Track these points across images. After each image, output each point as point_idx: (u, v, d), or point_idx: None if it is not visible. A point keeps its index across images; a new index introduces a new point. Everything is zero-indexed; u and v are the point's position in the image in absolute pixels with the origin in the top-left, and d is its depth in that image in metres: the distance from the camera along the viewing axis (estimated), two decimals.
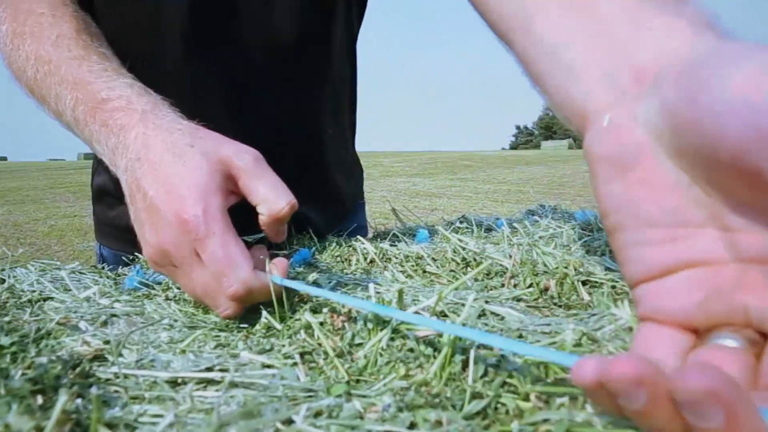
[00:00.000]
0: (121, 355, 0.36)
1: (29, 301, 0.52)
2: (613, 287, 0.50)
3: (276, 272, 0.44)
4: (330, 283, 0.52)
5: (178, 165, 0.44)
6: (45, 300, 0.53)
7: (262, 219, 0.46)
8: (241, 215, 0.48)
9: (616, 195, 0.28)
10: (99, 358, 0.36)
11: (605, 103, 0.29)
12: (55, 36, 0.58)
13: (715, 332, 0.25)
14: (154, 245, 0.44)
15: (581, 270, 0.53)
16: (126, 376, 0.32)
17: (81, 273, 0.67)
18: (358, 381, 0.33)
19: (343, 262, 0.70)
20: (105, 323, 0.44)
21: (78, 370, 0.32)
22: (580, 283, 0.51)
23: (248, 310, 0.46)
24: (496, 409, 0.28)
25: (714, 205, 0.25)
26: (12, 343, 0.32)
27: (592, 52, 0.30)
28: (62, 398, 0.24)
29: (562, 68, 0.31)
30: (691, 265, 0.26)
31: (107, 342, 0.37)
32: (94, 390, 0.27)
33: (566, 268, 0.53)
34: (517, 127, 63.42)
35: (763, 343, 0.24)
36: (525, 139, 60.27)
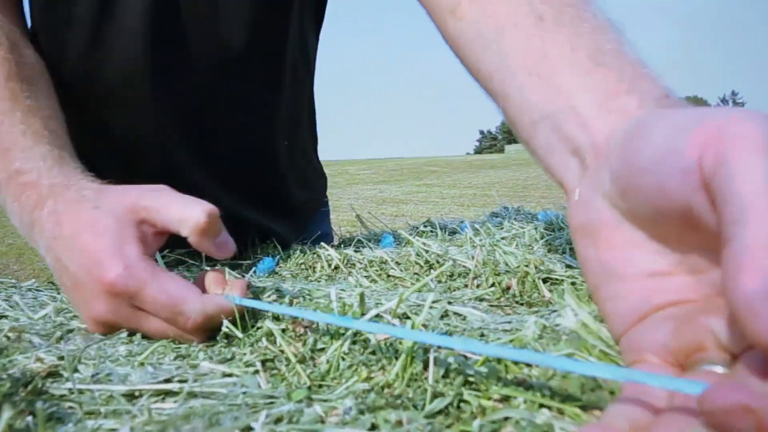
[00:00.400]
0: (76, 370, 0.35)
1: None
2: (573, 283, 0.50)
3: (234, 293, 0.43)
4: (294, 290, 0.52)
5: (88, 233, 0.43)
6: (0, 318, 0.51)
7: (192, 240, 0.45)
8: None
9: (592, 259, 0.31)
10: (53, 374, 0.35)
11: (575, 176, 0.33)
12: None
13: (698, 361, 0.25)
14: (94, 319, 0.43)
15: (542, 268, 0.53)
16: (81, 392, 0.32)
17: (38, 290, 0.65)
18: (320, 386, 0.33)
19: (307, 269, 0.70)
20: (60, 339, 0.43)
21: (30, 387, 0.31)
22: (540, 280, 0.51)
23: None
24: (458, 407, 0.28)
25: (675, 253, 0.28)
26: None
27: (562, 128, 0.34)
28: (5, 414, 0.23)
29: (542, 142, 0.35)
30: (662, 307, 0.28)
31: (61, 358, 0.36)
32: (39, 405, 0.26)
33: (527, 266, 0.53)
34: (481, 132, 64.16)
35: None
36: (489, 144, 60.96)
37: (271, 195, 0.89)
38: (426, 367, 0.31)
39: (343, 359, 0.35)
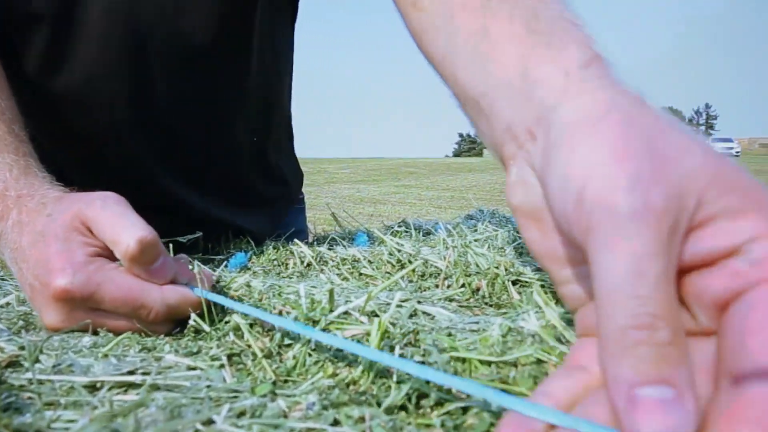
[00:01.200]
0: (37, 360, 0.35)
1: None
2: (542, 286, 0.51)
3: (200, 285, 0.43)
4: (264, 285, 0.52)
5: (40, 243, 0.43)
6: None
7: (123, 264, 0.43)
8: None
9: (537, 241, 0.31)
10: (14, 364, 0.34)
11: (511, 154, 0.32)
12: None
13: None
14: (53, 327, 0.42)
15: (512, 270, 0.54)
16: (41, 382, 0.31)
17: (3, 279, 0.64)
18: (285, 381, 0.33)
19: (280, 265, 0.70)
20: (22, 329, 0.42)
21: None
22: (510, 282, 0.52)
23: None
24: (417, 404, 0.28)
25: None
26: None
27: (495, 106, 0.33)
28: None
29: (483, 117, 0.35)
30: None
31: (22, 348, 0.36)
32: (18, 394, 0.26)
33: (497, 268, 0.54)
34: (460, 135, 64.45)
35: None
36: (468, 147, 61.26)
37: (239, 190, 0.89)
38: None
39: (310, 355, 0.35)
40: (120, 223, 0.43)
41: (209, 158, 0.82)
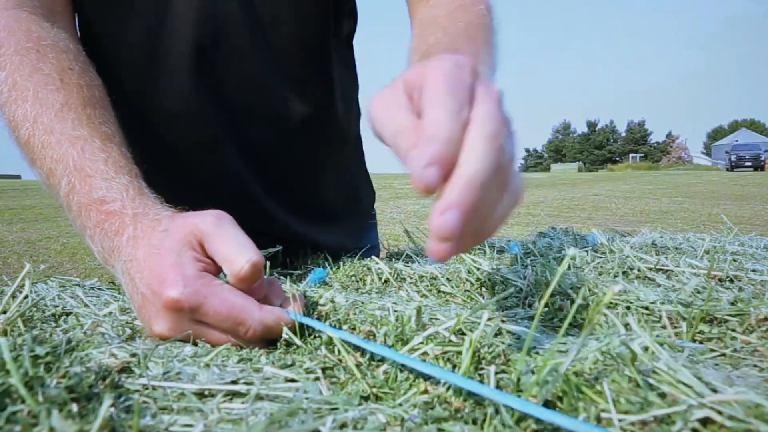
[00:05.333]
0: (147, 367, 0.37)
1: (53, 315, 0.54)
2: (628, 308, 0.50)
3: (294, 308, 0.46)
4: (347, 301, 0.53)
5: (155, 256, 0.46)
6: (67, 315, 0.54)
7: (230, 280, 0.46)
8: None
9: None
10: (126, 370, 0.37)
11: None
12: (60, 105, 0.58)
13: None
14: (157, 334, 0.45)
15: (595, 291, 0.53)
16: (154, 388, 0.33)
17: (99, 289, 0.68)
18: (378, 397, 0.34)
19: (357, 281, 0.71)
20: (130, 337, 0.45)
21: (108, 381, 0.33)
22: (594, 303, 0.51)
23: None
24: (517, 423, 0.29)
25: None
26: (46, 354, 0.33)
27: (430, 53, 0.51)
28: (106, 403, 0.25)
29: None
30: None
31: (133, 355, 0.38)
32: (135, 397, 0.28)
33: (580, 288, 0.53)
34: (527, 150, 63.57)
35: None
36: (535, 162, 60.31)
37: (321, 208, 0.92)
38: (482, 382, 0.32)
39: (401, 371, 0.35)
40: (233, 242, 0.46)
41: (298, 175, 0.86)
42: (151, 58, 0.73)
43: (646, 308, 0.49)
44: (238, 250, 0.45)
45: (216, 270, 0.47)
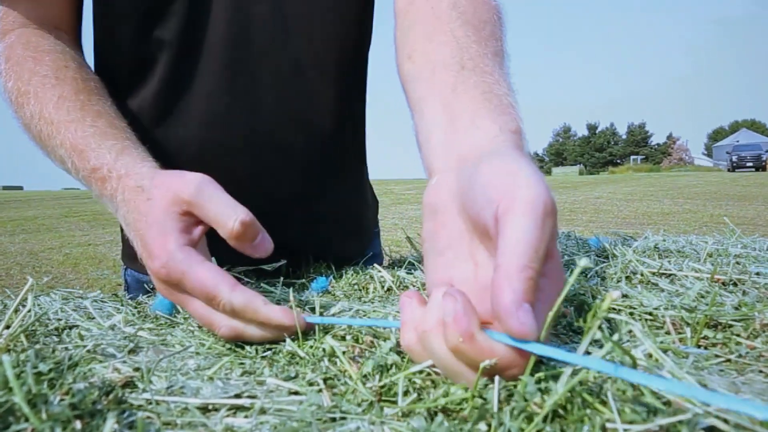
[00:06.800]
0: (151, 382, 0.37)
1: (56, 329, 0.54)
2: (631, 314, 0.50)
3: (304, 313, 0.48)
4: (350, 311, 0.53)
5: (142, 223, 0.51)
6: (71, 328, 0.54)
7: (229, 242, 0.49)
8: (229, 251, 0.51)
9: (429, 230, 0.44)
10: (129, 384, 0.37)
11: (438, 169, 0.46)
12: (56, 98, 0.63)
13: None
14: (163, 294, 0.51)
15: (599, 297, 0.53)
16: (158, 403, 0.33)
17: (103, 301, 0.68)
18: (381, 408, 0.34)
19: (360, 290, 0.71)
20: (133, 351, 0.45)
21: (111, 396, 0.33)
22: (597, 309, 0.51)
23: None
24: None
25: (474, 246, 0.41)
26: (50, 370, 0.33)
27: (444, 137, 0.47)
28: (110, 421, 0.25)
29: (429, 145, 0.48)
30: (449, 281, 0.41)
31: (137, 369, 0.38)
32: (139, 414, 0.28)
33: (583, 294, 0.53)
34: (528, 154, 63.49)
35: None
36: (536, 166, 60.14)
37: (348, 217, 0.92)
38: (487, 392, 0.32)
39: (410, 381, 0.35)
40: (219, 202, 0.49)
41: (328, 181, 0.86)
42: (185, 58, 0.73)
43: (650, 314, 0.49)
44: (225, 213, 0.48)
45: (197, 240, 0.51)
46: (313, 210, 0.86)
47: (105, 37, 0.75)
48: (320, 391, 0.36)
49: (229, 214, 0.48)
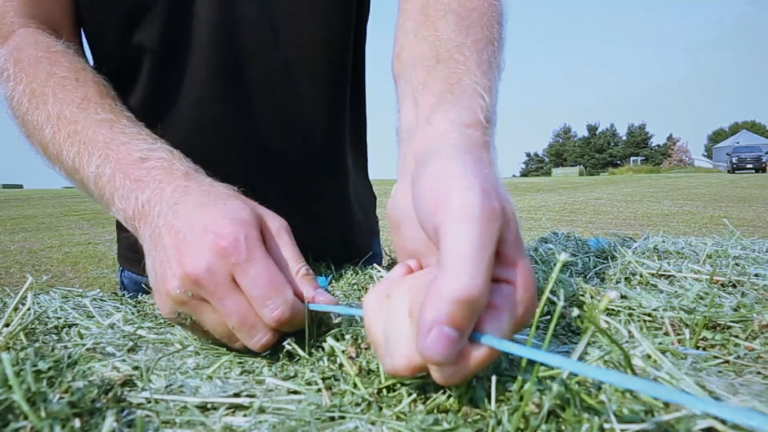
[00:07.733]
0: (150, 380, 0.37)
1: (55, 327, 0.54)
2: (630, 315, 0.50)
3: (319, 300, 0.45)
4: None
5: (219, 205, 0.46)
6: (70, 326, 0.54)
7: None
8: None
9: (397, 245, 0.43)
10: (128, 383, 0.37)
11: (399, 173, 0.44)
12: (80, 99, 0.60)
13: None
14: (180, 276, 0.43)
15: (598, 297, 0.53)
16: (156, 401, 0.33)
17: (102, 300, 0.68)
18: (380, 408, 0.34)
19: (359, 290, 0.71)
20: (132, 350, 0.45)
21: (110, 394, 0.33)
22: (596, 310, 0.51)
23: None
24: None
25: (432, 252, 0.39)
26: (49, 368, 0.33)
27: (407, 137, 0.45)
28: (109, 419, 0.25)
29: (401, 145, 0.47)
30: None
31: (136, 368, 0.38)
32: (138, 412, 0.28)
33: (583, 295, 0.53)
34: (528, 155, 63.58)
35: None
36: (536, 166, 60.30)
37: (347, 220, 0.92)
38: (488, 395, 0.32)
39: (404, 384, 0.35)
40: (292, 251, 0.49)
41: (321, 185, 0.86)
42: (170, 63, 0.73)
43: (649, 315, 0.49)
44: (295, 259, 0.48)
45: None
46: (312, 210, 0.86)
47: (90, 44, 0.75)
48: (319, 390, 0.36)
49: (297, 261, 0.48)
